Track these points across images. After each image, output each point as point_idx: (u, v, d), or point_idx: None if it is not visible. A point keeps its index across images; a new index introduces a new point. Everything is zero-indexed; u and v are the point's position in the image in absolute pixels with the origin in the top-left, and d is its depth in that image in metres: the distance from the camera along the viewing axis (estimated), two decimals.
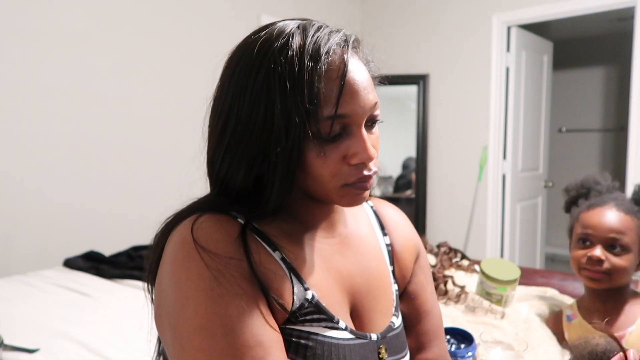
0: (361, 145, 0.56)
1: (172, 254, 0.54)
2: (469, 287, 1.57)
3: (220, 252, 0.53)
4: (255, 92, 0.55)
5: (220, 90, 0.60)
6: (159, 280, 0.56)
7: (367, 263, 0.67)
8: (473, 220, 3.47)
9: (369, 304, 0.65)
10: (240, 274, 0.52)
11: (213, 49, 2.83)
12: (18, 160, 2.15)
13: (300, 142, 0.54)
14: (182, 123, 2.71)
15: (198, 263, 0.52)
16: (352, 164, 0.56)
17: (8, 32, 2.08)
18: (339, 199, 0.59)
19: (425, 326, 0.74)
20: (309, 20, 0.59)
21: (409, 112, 3.69)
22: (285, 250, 0.59)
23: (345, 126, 0.56)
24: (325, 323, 0.57)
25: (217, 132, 0.59)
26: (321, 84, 0.53)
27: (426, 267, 0.78)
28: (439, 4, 3.54)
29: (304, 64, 0.53)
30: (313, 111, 0.53)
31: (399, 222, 0.77)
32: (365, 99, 0.56)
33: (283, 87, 0.53)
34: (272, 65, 0.54)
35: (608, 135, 4.85)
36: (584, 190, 1.25)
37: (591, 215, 1.15)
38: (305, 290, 0.57)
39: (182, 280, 0.52)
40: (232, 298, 0.51)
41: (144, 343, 1.29)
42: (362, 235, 0.70)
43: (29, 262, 2.16)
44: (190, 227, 0.54)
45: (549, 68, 3.74)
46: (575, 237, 1.18)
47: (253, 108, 0.55)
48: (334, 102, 0.54)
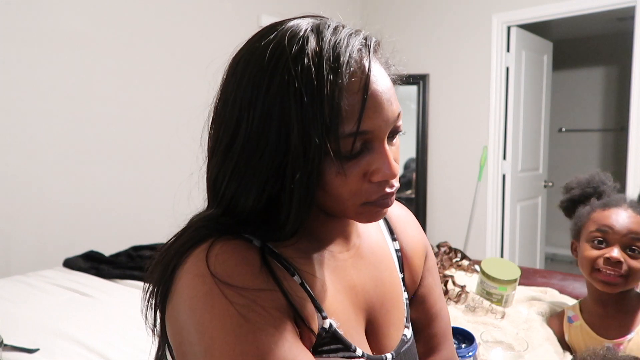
0: (384, 161, 0.51)
1: (192, 290, 0.49)
2: (469, 287, 1.57)
3: (249, 284, 0.48)
4: (266, 107, 0.49)
5: (223, 101, 0.54)
6: (175, 314, 0.51)
7: (380, 274, 0.65)
8: (473, 220, 3.47)
9: (383, 318, 0.63)
10: (272, 306, 0.48)
11: (213, 49, 2.83)
12: (18, 160, 2.15)
13: (320, 162, 0.48)
14: (182, 123, 2.70)
15: (222, 299, 0.47)
16: (374, 181, 0.52)
17: (8, 32, 2.08)
18: (357, 216, 0.55)
19: (435, 329, 0.72)
20: (322, 20, 0.53)
21: (409, 112, 3.69)
22: (302, 273, 0.55)
23: (366, 142, 0.51)
24: (343, 353, 0.55)
25: (221, 149, 0.53)
26: (342, 100, 0.48)
27: (434, 269, 0.75)
28: (439, 4, 3.54)
29: (323, 76, 0.47)
30: (333, 128, 0.47)
31: (407, 223, 0.73)
32: (388, 111, 0.51)
33: (300, 101, 0.47)
34: (287, 76, 0.48)
35: (608, 135, 4.85)
36: (590, 190, 1.21)
37: (608, 215, 1.11)
38: (324, 319, 0.54)
39: (206, 320, 0.47)
40: (263, 332, 0.47)
41: (144, 343, 1.29)
42: (373, 244, 0.67)
43: (29, 262, 2.16)
44: (205, 258, 0.49)
45: (548, 68, 3.74)
46: (588, 237, 1.13)
47: (265, 125, 0.49)
48: (356, 117, 0.48)
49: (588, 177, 1.25)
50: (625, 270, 1.06)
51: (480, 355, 0.98)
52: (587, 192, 1.22)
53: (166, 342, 0.57)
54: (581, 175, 1.27)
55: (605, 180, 1.23)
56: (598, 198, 1.20)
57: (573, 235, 1.22)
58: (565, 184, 1.29)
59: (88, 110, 2.37)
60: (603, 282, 1.09)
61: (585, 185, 1.23)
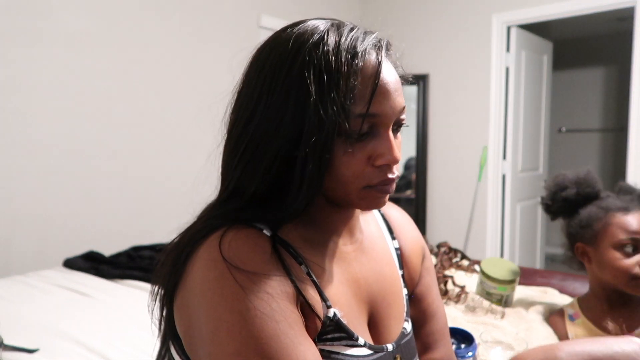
0: (388, 146, 0.55)
1: (204, 272, 0.51)
2: (469, 287, 1.57)
3: (259, 270, 0.50)
4: (288, 84, 0.53)
5: (245, 84, 0.58)
6: (185, 301, 0.53)
7: (381, 269, 0.67)
8: (473, 220, 3.47)
9: (385, 311, 0.65)
10: (280, 292, 0.50)
11: (213, 49, 2.84)
12: (18, 161, 2.15)
13: (333, 136, 0.52)
14: (182, 123, 2.71)
15: (233, 283, 0.49)
16: (377, 165, 0.55)
17: (8, 32, 2.08)
18: (358, 201, 0.57)
19: (432, 327, 0.74)
20: (340, 21, 0.59)
21: (409, 112, 3.68)
22: (309, 262, 0.57)
23: (373, 126, 0.55)
24: (346, 341, 0.57)
25: (239, 126, 0.56)
26: (357, 80, 0.53)
27: (431, 269, 0.78)
28: (439, 4, 3.54)
29: (342, 57, 0.53)
30: (347, 107, 0.52)
31: (405, 225, 0.76)
32: (395, 101, 0.56)
33: (320, 79, 0.52)
34: (308, 57, 0.53)
35: (608, 135, 4.85)
36: (589, 189, 1.17)
37: (634, 220, 1.07)
38: (328, 308, 0.56)
39: (215, 302, 0.49)
40: (269, 318, 0.48)
41: (144, 343, 1.29)
42: (375, 240, 0.69)
43: (29, 262, 2.16)
44: (218, 245, 0.51)
45: (548, 68, 3.74)
46: (616, 244, 1.08)
47: (283, 101, 0.53)
48: (367, 99, 0.53)
49: (579, 174, 1.19)
50: None
51: (479, 355, 0.98)
52: (586, 192, 1.17)
53: (171, 338, 0.58)
54: (568, 172, 1.22)
55: (596, 178, 1.19)
56: (596, 198, 1.17)
57: (579, 239, 1.17)
58: (555, 183, 1.22)
59: (88, 110, 2.37)
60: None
61: (584, 185, 1.18)
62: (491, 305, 1.41)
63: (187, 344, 0.54)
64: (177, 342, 0.57)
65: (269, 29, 3.15)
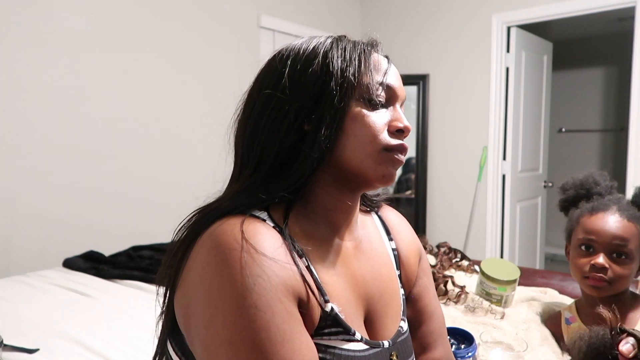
0: (401, 117, 0.63)
1: (205, 260, 0.52)
2: (469, 287, 1.57)
3: (274, 255, 0.51)
4: (310, 58, 0.60)
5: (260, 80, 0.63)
6: (186, 287, 0.54)
7: (379, 268, 0.68)
8: (473, 220, 3.47)
9: (381, 309, 0.66)
10: (280, 284, 0.51)
11: (213, 49, 2.84)
12: (18, 161, 2.15)
13: (352, 93, 0.59)
14: (181, 123, 2.70)
15: (232, 270, 0.49)
16: (392, 129, 0.61)
17: (8, 32, 2.08)
18: (376, 166, 0.60)
19: (430, 327, 0.75)
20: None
21: (409, 113, 3.69)
22: (309, 256, 0.58)
23: (388, 100, 0.63)
24: (343, 336, 0.57)
25: (264, 97, 0.60)
26: (371, 57, 0.62)
27: (428, 270, 0.80)
28: (439, 4, 3.54)
29: (359, 42, 0.63)
30: (366, 72, 0.60)
31: (402, 227, 0.78)
32: (402, 87, 0.65)
33: (342, 51, 0.61)
34: (330, 40, 0.62)
35: (608, 135, 4.85)
36: (584, 191, 1.20)
37: (594, 220, 1.11)
38: (326, 303, 0.57)
39: (213, 289, 0.49)
40: (266, 308, 0.48)
41: (143, 343, 1.29)
42: (373, 241, 0.71)
43: (29, 263, 2.16)
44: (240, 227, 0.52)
45: (548, 68, 3.74)
46: (577, 243, 1.14)
47: (305, 69, 0.59)
48: (383, 72, 0.62)
49: (582, 177, 1.23)
50: (610, 277, 1.07)
51: (479, 355, 0.98)
52: (580, 194, 1.21)
53: (169, 334, 0.59)
54: (577, 175, 1.25)
55: (600, 181, 1.21)
56: (589, 200, 1.19)
57: (566, 238, 1.22)
58: (562, 184, 1.28)
59: (88, 110, 2.36)
60: (591, 287, 1.10)
61: (579, 187, 1.22)
62: (491, 306, 1.41)
63: (186, 328, 0.55)
64: (174, 339, 0.58)
65: (269, 29, 3.15)
